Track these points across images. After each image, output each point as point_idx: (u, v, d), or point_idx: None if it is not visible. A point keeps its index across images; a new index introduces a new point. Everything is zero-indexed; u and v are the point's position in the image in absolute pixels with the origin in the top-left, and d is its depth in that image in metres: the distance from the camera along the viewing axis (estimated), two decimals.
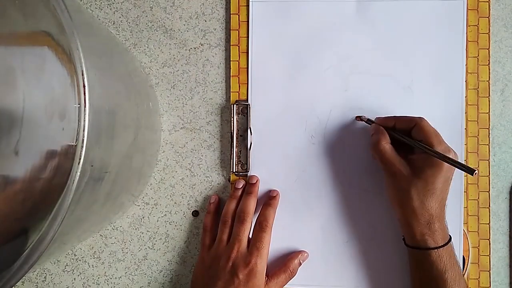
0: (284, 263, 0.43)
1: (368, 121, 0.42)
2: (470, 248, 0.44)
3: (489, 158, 0.44)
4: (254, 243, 0.41)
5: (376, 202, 0.44)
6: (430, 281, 0.37)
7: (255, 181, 0.44)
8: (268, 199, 0.44)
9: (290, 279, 0.43)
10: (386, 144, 0.39)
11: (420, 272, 0.38)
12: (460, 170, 0.35)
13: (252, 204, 0.43)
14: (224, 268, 0.40)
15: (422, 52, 0.44)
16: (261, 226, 0.42)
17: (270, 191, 0.44)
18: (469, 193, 0.44)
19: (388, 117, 0.41)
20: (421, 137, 0.37)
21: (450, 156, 0.35)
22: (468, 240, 0.44)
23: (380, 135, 0.39)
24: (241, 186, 0.44)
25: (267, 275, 0.42)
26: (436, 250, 0.37)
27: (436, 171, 0.36)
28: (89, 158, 0.25)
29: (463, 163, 0.35)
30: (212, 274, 0.41)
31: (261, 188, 0.44)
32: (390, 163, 0.38)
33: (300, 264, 0.43)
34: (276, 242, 0.44)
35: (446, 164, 0.36)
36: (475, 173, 0.33)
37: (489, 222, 0.44)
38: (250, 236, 0.42)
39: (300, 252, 0.44)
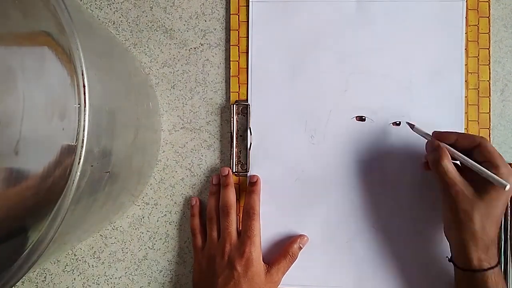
0: (284, 248, 0.42)
1: (416, 129, 0.40)
2: None
3: None
4: (245, 232, 0.41)
5: (376, 202, 0.44)
6: None
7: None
8: (250, 186, 0.43)
9: (291, 264, 0.42)
10: (448, 164, 0.36)
11: None
12: None
13: (231, 195, 0.43)
14: (221, 264, 0.40)
15: (422, 52, 0.44)
16: (248, 215, 0.42)
17: (250, 177, 0.44)
18: None
19: (449, 132, 0.38)
20: (485, 158, 0.36)
21: None
22: None
23: (442, 152, 0.36)
24: (217, 181, 0.44)
25: (267, 263, 0.42)
26: (492, 272, 0.35)
27: (500, 194, 0.35)
28: (89, 158, 0.25)
29: None
30: (211, 273, 0.41)
31: (261, 188, 0.44)
32: (452, 183, 0.36)
33: (300, 248, 0.43)
34: (275, 241, 0.44)
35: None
36: None
37: None
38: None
39: (299, 236, 0.43)
